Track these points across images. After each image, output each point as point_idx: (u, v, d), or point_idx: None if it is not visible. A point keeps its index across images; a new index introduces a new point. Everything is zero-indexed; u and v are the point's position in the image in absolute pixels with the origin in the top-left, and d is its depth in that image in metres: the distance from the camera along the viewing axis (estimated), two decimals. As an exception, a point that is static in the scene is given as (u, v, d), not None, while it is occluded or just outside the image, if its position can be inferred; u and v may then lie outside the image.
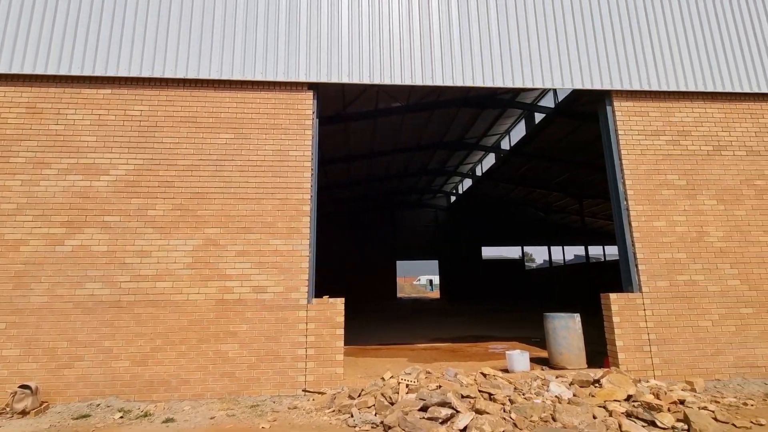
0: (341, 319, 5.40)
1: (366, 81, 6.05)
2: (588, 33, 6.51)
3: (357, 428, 4.02)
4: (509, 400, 4.44)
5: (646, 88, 6.34)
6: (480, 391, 4.67)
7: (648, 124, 6.31)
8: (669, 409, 4.21)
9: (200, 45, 5.87)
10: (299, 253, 5.49)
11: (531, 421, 3.96)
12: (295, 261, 5.47)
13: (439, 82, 6.10)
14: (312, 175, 5.80)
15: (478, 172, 22.17)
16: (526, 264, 34.76)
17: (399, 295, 42.52)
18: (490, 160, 20.17)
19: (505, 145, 18.39)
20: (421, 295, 46.76)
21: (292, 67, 5.92)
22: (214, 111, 5.80)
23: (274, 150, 5.75)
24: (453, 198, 29.33)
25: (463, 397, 4.43)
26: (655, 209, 6.05)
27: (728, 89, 6.46)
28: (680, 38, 6.60)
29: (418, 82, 6.10)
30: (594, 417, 4.02)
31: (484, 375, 5.09)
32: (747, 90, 6.48)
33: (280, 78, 5.87)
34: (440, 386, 4.65)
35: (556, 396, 4.59)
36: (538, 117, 15.14)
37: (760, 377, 5.64)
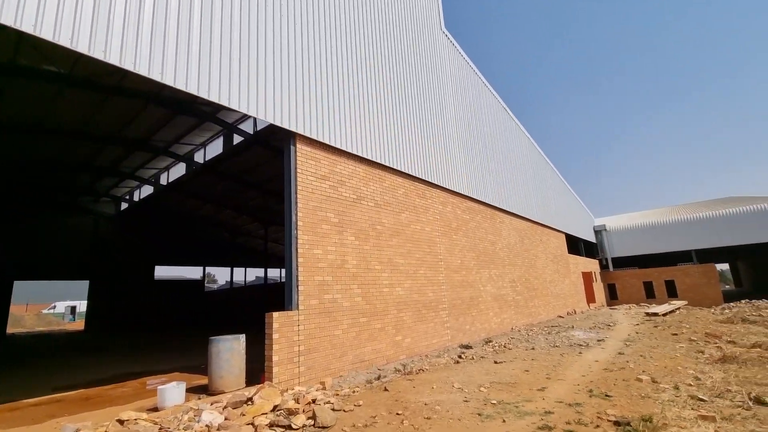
0: None
1: (-16, 12, 4.07)
2: (285, 78, 7.30)
3: None
4: (149, 445, 3.83)
5: (320, 139, 7.74)
6: (111, 444, 3.79)
7: (319, 169, 7.68)
8: (304, 410, 4.94)
9: None
10: None
11: (171, 462, 3.55)
12: None
13: (115, 61, 4.98)
14: None
15: (163, 181, 19.64)
16: (207, 285, 33.28)
17: (12, 330, 30.07)
18: (179, 170, 18.37)
19: (199, 158, 17.35)
20: (54, 328, 34.79)
21: None
22: None
23: None
24: (124, 205, 24.36)
25: (81, 459, 3.43)
26: (316, 240, 7.29)
27: (367, 156, 8.92)
28: (343, 110, 8.59)
29: (84, 49, 4.73)
30: (240, 437, 4.10)
31: (121, 422, 4.20)
32: (377, 160, 9.19)
33: None
34: (45, 455, 3.41)
35: (206, 425, 4.39)
36: (238, 139, 15.37)
37: (366, 369, 7.70)
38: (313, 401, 5.31)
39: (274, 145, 14.43)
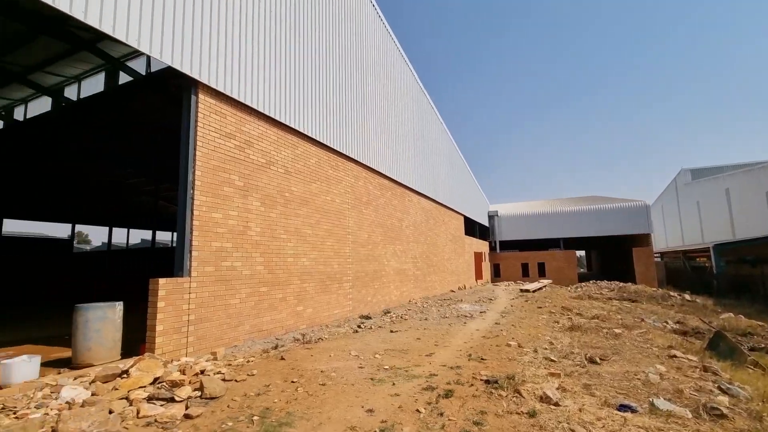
0: None
1: None
2: (190, 14, 6.37)
3: None
4: (-15, 428, 3.22)
5: (228, 93, 7.02)
6: (-73, 431, 3.09)
7: (224, 125, 7.00)
8: (190, 382, 4.64)
9: None
10: None
11: (16, 446, 3.04)
12: None
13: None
14: None
15: (19, 116, 15.95)
16: (77, 246, 28.64)
17: None
18: (43, 105, 15.07)
19: (71, 93, 14.41)
20: None
21: None
22: None
23: None
24: (-39, 141, 19.21)
25: None
26: (216, 202, 6.72)
27: (280, 119, 8.41)
28: (257, 66, 7.91)
29: None
30: (111, 412, 3.69)
31: (-56, 404, 3.44)
32: (291, 125, 8.73)
33: None
34: None
35: (67, 402, 3.85)
36: (126, 78, 13.10)
37: (263, 338, 7.52)
38: (202, 372, 5.02)
39: (172, 92, 12.68)
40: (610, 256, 43.60)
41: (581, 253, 73.61)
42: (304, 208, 9.08)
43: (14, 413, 3.55)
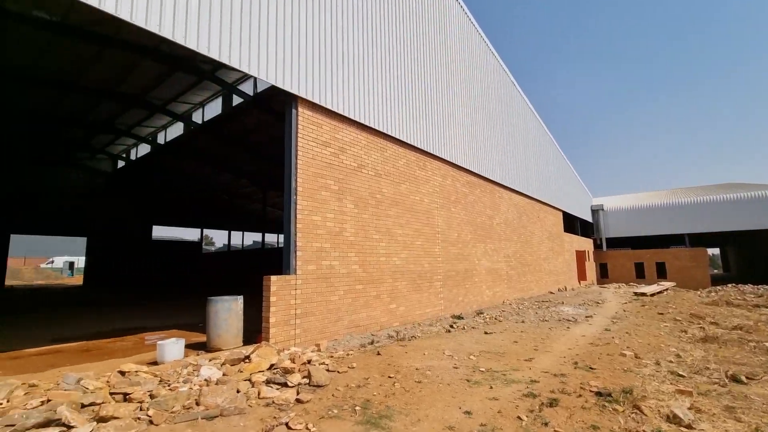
0: None
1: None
2: (288, 39, 7.02)
3: None
4: (150, 395, 3.98)
5: (323, 104, 7.56)
6: (113, 393, 3.94)
7: (320, 135, 7.55)
8: (299, 370, 5.11)
9: None
10: None
11: (171, 412, 3.70)
12: None
13: (110, 9, 4.74)
14: None
15: (161, 140, 19.31)
16: (204, 247, 33.56)
17: (11, 282, 30.49)
18: (177, 129, 18.03)
19: (197, 118, 16.98)
20: (52, 282, 35.30)
21: None
22: None
23: None
24: (121, 163, 24.04)
25: (84, 406, 3.58)
26: (315, 206, 7.28)
27: (369, 124, 8.75)
28: (347, 76, 8.35)
29: (78, -5, 4.49)
30: (238, 391, 4.26)
31: (123, 373, 4.34)
32: (380, 129, 9.02)
33: None
34: (49, 400, 3.55)
35: (205, 379, 4.55)
36: (238, 100, 14.98)
37: (360, 333, 7.92)
38: (309, 362, 5.49)
39: (275, 109, 14.11)
40: (756, 255, 35.98)
41: (714, 251, 62.28)
42: (394, 208, 9.31)
43: (168, 386, 4.32)
